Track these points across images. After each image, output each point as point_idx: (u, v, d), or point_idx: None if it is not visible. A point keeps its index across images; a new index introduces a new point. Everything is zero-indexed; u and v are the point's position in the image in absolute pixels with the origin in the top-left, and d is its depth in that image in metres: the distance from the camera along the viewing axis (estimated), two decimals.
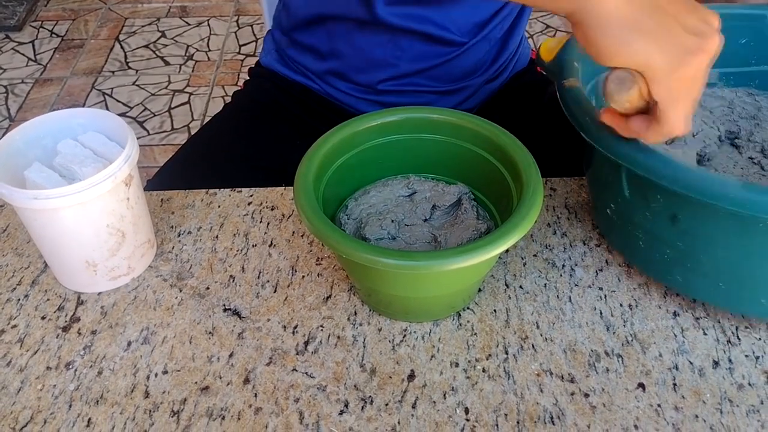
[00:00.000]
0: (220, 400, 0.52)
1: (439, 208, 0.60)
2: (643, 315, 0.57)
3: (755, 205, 0.46)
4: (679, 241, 0.53)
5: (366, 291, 0.57)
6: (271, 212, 0.67)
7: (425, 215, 0.60)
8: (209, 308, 0.58)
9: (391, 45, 0.79)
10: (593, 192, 0.64)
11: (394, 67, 0.81)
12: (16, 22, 2.33)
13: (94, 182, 0.53)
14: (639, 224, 0.56)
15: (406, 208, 0.61)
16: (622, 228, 0.58)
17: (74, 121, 0.60)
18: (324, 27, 0.81)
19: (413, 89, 0.83)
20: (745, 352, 0.54)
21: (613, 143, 0.51)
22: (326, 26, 0.81)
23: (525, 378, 0.53)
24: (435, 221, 0.60)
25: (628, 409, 0.51)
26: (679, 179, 0.48)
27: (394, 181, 0.63)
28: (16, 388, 0.53)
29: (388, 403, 0.52)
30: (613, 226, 0.60)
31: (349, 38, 0.80)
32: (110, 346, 0.56)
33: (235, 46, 2.25)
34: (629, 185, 0.54)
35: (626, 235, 0.58)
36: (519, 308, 0.58)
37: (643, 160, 0.50)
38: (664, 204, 0.52)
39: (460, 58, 0.81)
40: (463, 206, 0.60)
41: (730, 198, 0.46)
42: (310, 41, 0.83)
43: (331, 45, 0.82)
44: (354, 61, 0.82)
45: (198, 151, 0.83)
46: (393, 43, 0.79)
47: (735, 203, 0.46)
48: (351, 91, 0.84)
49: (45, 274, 0.61)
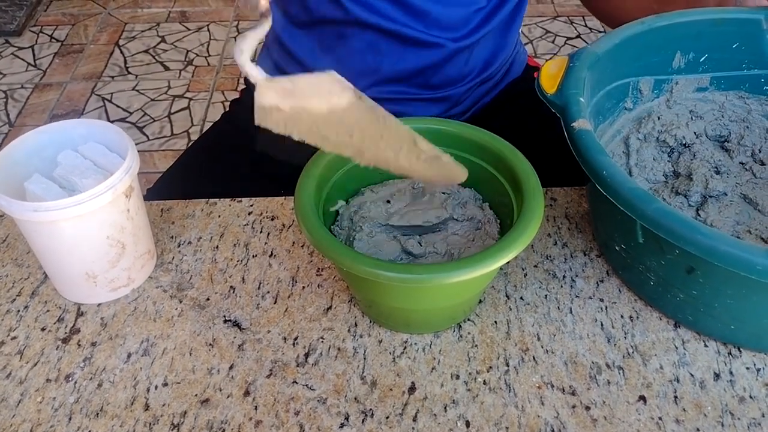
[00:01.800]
0: (221, 412, 0.52)
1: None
2: (644, 327, 0.57)
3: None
4: (694, 290, 0.53)
5: (366, 303, 0.57)
6: (271, 222, 0.67)
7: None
8: (209, 319, 0.58)
9: (371, 49, 0.79)
10: (599, 225, 0.63)
11: (375, 73, 0.81)
12: (15, 27, 2.33)
13: (95, 194, 0.53)
14: (651, 268, 0.55)
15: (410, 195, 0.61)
16: (632, 266, 0.57)
17: (74, 131, 0.60)
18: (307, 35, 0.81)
19: (397, 97, 0.82)
20: (746, 365, 0.54)
21: (638, 203, 0.49)
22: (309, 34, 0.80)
23: (526, 390, 0.53)
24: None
25: (629, 422, 0.51)
26: (704, 245, 0.47)
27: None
28: (16, 401, 0.53)
29: (388, 415, 0.52)
30: (622, 262, 0.59)
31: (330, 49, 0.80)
32: (110, 357, 0.56)
33: None
34: (644, 234, 0.53)
35: (636, 273, 0.58)
36: (520, 320, 0.58)
37: (666, 223, 0.48)
38: (682, 257, 0.51)
39: (444, 64, 0.80)
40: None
41: (757, 270, 0.45)
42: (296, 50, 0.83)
43: (313, 57, 0.82)
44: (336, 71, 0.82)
45: (197, 159, 0.83)
46: (372, 48, 0.79)
47: (762, 274, 0.45)
48: None
49: (45, 286, 0.61)
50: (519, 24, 0.86)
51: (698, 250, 0.47)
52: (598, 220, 0.63)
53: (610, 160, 0.53)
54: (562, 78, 0.60)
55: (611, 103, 0.67)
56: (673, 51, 0.68)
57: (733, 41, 0.68)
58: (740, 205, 0.64)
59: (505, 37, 0.85)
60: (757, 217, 0.63)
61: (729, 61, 0.69)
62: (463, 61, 0.82)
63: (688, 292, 0.53)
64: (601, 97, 0.64)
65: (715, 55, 0.68)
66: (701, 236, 0.47)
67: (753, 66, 0.69)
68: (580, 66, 0.61)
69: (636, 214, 0.50)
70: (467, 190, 0.61)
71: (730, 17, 0.67)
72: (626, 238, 0.56)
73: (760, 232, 0.62)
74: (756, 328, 0.53)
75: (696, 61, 0.69)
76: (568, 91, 0.59)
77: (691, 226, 0.47)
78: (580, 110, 0.57)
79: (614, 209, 0.51)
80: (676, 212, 0.48)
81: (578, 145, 0.55)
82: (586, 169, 0.54)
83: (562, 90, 0.59)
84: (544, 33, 2.31)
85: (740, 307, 0.52)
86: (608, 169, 0.52)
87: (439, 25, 0.78)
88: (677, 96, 0.70)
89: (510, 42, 0.87)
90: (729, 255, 0.46)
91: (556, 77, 0.60)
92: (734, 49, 0.68)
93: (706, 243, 0.47)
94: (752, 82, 0.69)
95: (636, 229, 0.53)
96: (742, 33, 0.68)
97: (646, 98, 0.69)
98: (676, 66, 0.69)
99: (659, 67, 0.68)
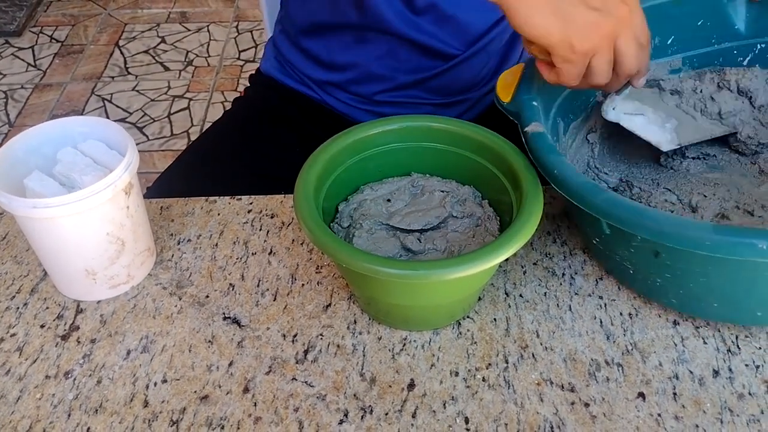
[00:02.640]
0: (220, 409, 0.52)
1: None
2: (643, 324, 0.57)
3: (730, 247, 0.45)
4: (667, 273, 0.53)
5: (365, 300, 0.57)
6: (270, 220, 0.67)
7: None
8: (209, 316, 0.58)
9: (389, 57, 0.79)
10: (576, 222, 0.63)
11: (391, 80, 0.81)
12: (15, 27, 2.33)
13: (94, 191, 0.53)
14: (625, 258, 0.56)
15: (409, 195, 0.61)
16: (610, 257, 0.58)
17: (74, 129, 0.60)
18: (323, 38, 0.81)
19: (411, 101, 0.83)
20: (745, 362, 0.54)
21: (587, 196, 0.50)
22: (325, 37, 0.81)
23: (525, 387, 0.53)
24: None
25: (629, 419, 0.51)
26: (653, 229, 0.47)
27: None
28: (15, 397, 0.53)
29: (387, 412, 0.52)
30: (601, 254, 0.60)
31: (348, 52, 0.81)
32: (109, 354, 0.56)
33: (235, 51, 2.25)
34: (608, 225, 0.54)
35: (615, 264, 0.58)
36: (519, 317, 0.58)
37: (615, 212, 0.49)
38: (645, 243, 0.51)
39: (458, 70, 0.81)
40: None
41: (707, 245, 0.46)
42: (312, 48, 0.83)
43: (330, 57, 0.82)
44: (352, 74, 0.82)
45: (197, 157, 0.84)
46: (390, 55, 0.79)
47: (712, 249, 0.46)
48: (350, 101, 0.84)
49: (44, 283, 0.61)
50: None
51: (649, 234, 0.48)
52: (574, 217, 0.63)
53: (561, 158, 0.53)
54: (516, 85, 0.60)
55: (580, 100, 0.66)
56: None
57: (697, 18, 0.67)
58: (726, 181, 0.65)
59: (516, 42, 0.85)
60: (746, 191, 0.63)
61: (697, 39, 0.68)
62: (480, 65, 0.83)
63: (663, 276, 0.54)
64: (567, 96, 0.64)
65: (682, 35, 0.68)
66: (649, 220, 0.47)
67: (722, 40, 0.68)
68: (535, 71, 0.60)
69: (588, 207, 0.50)
70: (466, 187, 0.61)
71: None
72: (597, 232, 0.56)
73: (747, 206, 0.62)
74: (736, 302, 0.53)
75: (663, 45, 0.68)
76: (521, 98, 0.59)
77: (638, 211, 0.48)
78: (533, 115, 0.57)
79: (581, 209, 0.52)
80: (623, 200, 0.49)
81: (532, 148, 0.55)
82: (541, 171, 0.54)
83: (516, 97, 0.59)
84: None
85: (714, 284, 0.52)
86: (558, 167, 0.52)
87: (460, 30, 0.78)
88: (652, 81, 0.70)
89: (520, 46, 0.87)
90: (677, 235, 0.46)
91: (511, 86, 0.60)
92: (700, 26, 0.68)
93: (654, 227, 0.47)
94: (725, 55, 0.69)
95: (601, 222, 0.54)
96: (705, 8, 0.67)
97: None
98: None
99: None
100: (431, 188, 0.61)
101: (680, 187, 0.65)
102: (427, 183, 0.61)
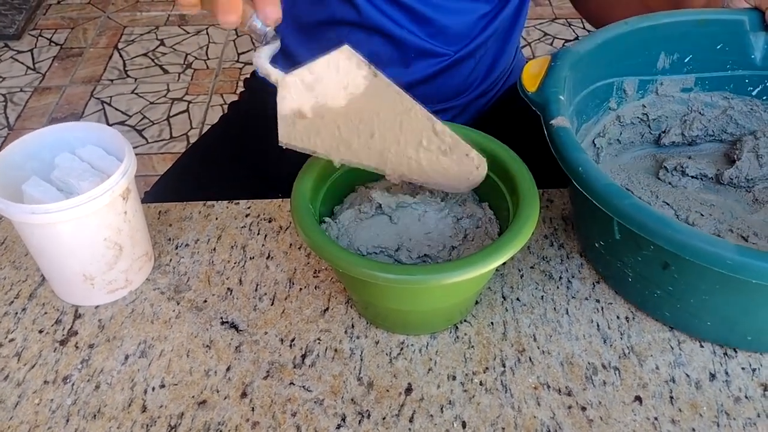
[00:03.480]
0: (218, 414, 0.52)
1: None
2: (640, 327, 0.57)
3: (751, 270, 0.45)
4: (670, 286, 0.53)
5: (363, 304, 0.57)
6: (268, 224, 0.67)
7: None
8: (207, 321, 0.59)
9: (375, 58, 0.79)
10: (579, 223, 0.63)
11: None
12: (14, 30, 2.33)
13: (92, 196, 0.53)
14: (629, 264, 0.55)
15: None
16: (611, 263, 0.58)
17: (72, 134, 0.60)
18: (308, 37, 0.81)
19: None
20: (742, 365, 0.55)
21: (613, 199, 0.50)
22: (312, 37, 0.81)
23: (522, 391, 0.53)
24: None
25: (625, 423, 0.51)
26: (675, 240, 0.47)
27: None
28: (14, 403, 0.53)
29: (385, 416, 0.52)
30: (601, 258, 0.60)
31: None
32: (108, 359, 0.56)
33: (234, 54, 2.26)
34: (620, 231, 0.54)
35: (614, 270, 0.58)
36: (516, 321, 0.58)
37: (639, 218, 0.49)
38: (656, 252, 0.51)
39: (446, 74, 0.81)
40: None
41: (728, 264, 0.45)
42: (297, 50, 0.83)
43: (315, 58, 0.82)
44: None
45: (195, 162, 0.84)
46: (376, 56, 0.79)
47: (732, 269, 0.45)
48: None
49: (42, 288, 0.62)
50: (520, 30, 0.87)
51: (670, 245, 0.47)
52: (578, 218, 0.63)
53: (587, 157, 0.53)
54: (543, 77, 0.60)
55: (595, 103, 0.67)
56: (658, 51, 0.68)
57: (717, 42, 0.68)
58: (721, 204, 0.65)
59: (507, 42, 0.85)
60: (740, 216, 0.64)
61: (713, 62, 0.69)
62: (467, 70, 0.82)
63: (664, 288, 0.54)
64: (584, 97, 0.65)
65: (700, 55, 0.69)
66: (673, 231, 0.47)
67: (737, 67, 0.69)
68: (562, 65, 0.61)
69: (610, 210, 0.50)
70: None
71: (714, 18, 0.67)
72: (604, 235, 0.56)
73: (741, 231, 0.62)
74: (733, 324, 0.53)
75: (680, 62, 0.69)
76: (548, 90, 0.59)
77: (664, 221, 0.48)
78: (560, 108, 0.57)
79: (591, 206, 0.52)
80: (649, 208, 0.49)
81: (556, 142, 0.55)
82: (563, 166, 0.54)
83: (543, 88, 0.59)
84: (542, 35, 2.31)
85: (715, 303, 0.52)
86: (584, 165, 0.52)
87: (444, 33, 0.78)
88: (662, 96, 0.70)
89: (511, 48, 0.87)
90: (700, 250, 0.46)
91: (537, 76, 0.61)
92: (718, 49, 0.68)
93: (677, 238, 0.47)
94: (736, 82, 0.70)
95: (613, 226, 0.53)
96: (726, 34, 0.68)
97: (631, 98, 0.69)
98: (661, 67, 0.69)
99: (644, 68, 0.68)
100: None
101: (678, 202, 0.65)
102: None
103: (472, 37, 0.80)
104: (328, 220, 0.57)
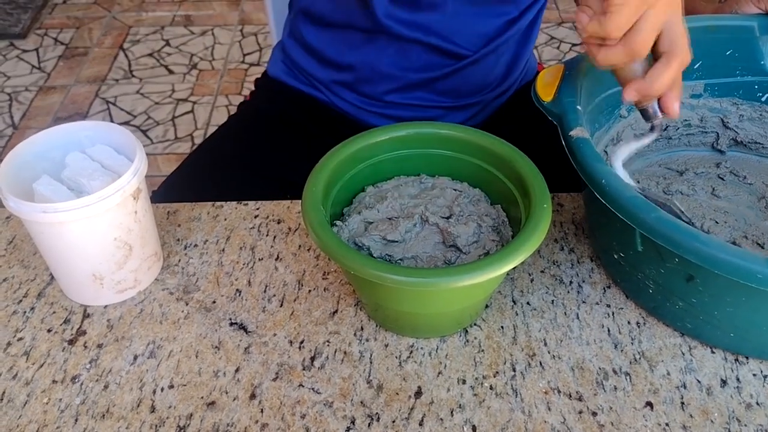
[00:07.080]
0: (226, 415, 0.52)
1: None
2: (651, 333, 0.57)
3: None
4: (694, 298, 0.53)
5: (373, 306, 0.57)
6: (277, 226, 0.67)
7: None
8: (215, 322, 0.58)
9: (398, 56, 0.79)
10: (595, 232, 0.63)
11: (400, 79, 0.81)
12: (20, 29, 2.34)
13: (103, 196, 0.53)
14: (650, 276, 0.55)
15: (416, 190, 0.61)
16: (631, 275, 0.57)
17: (82, 133, 0.60)
18: (334, 35, 0.81)
19: (420, 104, 0.83)
20: (753, 371, 0.54)
21: (639, 212, 0.49)
22: (336, 34, 0.81)
23: (533, 396, 0.53)
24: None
25: (636, 428, 0.51)
26: (704, 254, 0.46)
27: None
28: (22, 402, 0.53)
29: (395, 420, 0.51)
30: (621, 271, 0.59)
31: (357, 49, 0.81)
32: (116, 359, 0.56)
33: (239, 55, 2.26)
34: (643, 242, 0.53)
35: (634, 282, 0.57)
36: (526, 325, 0.58)
37: (667, 232, 0.48)
38: (681, 265, 0.51)
39: (467, 72, 0.81)
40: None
41: (758, 278, 0.45)
42: (321, 45, 0.83)
43: (340, 55, 0.82)
44: (362, 72, 0.82)
45: (204, 161, 0.83)
46: (400, 54, 0.79)
47: (763, 282, 0.45)
48: (358, 102, 0.84)
49: (51, 287, 0.61)
50: (537, 32, 0.87)
51: (698, 258, 0.47)
52: (595, 228, 0.63)
53: (609, 169, 0.53)
54: (558, 86, 0.60)
55: (607, 111, 0.67)
56: None
57: (726, 48, 0.68)
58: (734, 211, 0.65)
59: (526, 44, 0.86)
60: (753, 223, 0.64)
61: (723, 68, 0.69)
62: (488, 68, 0.83)
63: (687, 301, 0.53)
64: (597, 105, 0.64)
65: (709, 61, 0.69)
66: (701, 245, 0.47)
67: (747, 73, 0.69)
68: (576, 74, 0.60)
69: (636, 223, 0.50)
70: (477, 189, 0.61)
71: (724, 24, 0.67)
72: (625, 247, 0.56)
73: (756, 237, 0.62)
74: (756, 336, 0.53)
75: (690, 68, 0.68)
76: (564, 99, 0.59)
77: (691, 234, 0.47)
78: (578, 118, 0.57)
79: (612, 217, 0.51)
80: (675, 221, 0.48)
81: (576, 153, 0.55)
82: (584, 178, 0.54)
83: (559, 98, 0.59)
84: (549, 39, 2.31)
85: (740, 315, 0.52)
86: (607, 178, 0.52)
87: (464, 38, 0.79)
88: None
89: (529, 49, 0.87)
90: (729, 263, 0.46)
91: (552, 85, 0.60)
92: (728, 56, 0.68)
93: (706, 251, 0.46)
94: (746, 88, 0.70)
95: (635, 238, 0.53)
96: (735, 40, 0.68)
97: None
98: None
99: None
100: (442, 185, 0.61)
101: (692, 210, 0.65)
102: (437, 181, 0.61)
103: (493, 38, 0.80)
104: (339, 223, 0.57)
